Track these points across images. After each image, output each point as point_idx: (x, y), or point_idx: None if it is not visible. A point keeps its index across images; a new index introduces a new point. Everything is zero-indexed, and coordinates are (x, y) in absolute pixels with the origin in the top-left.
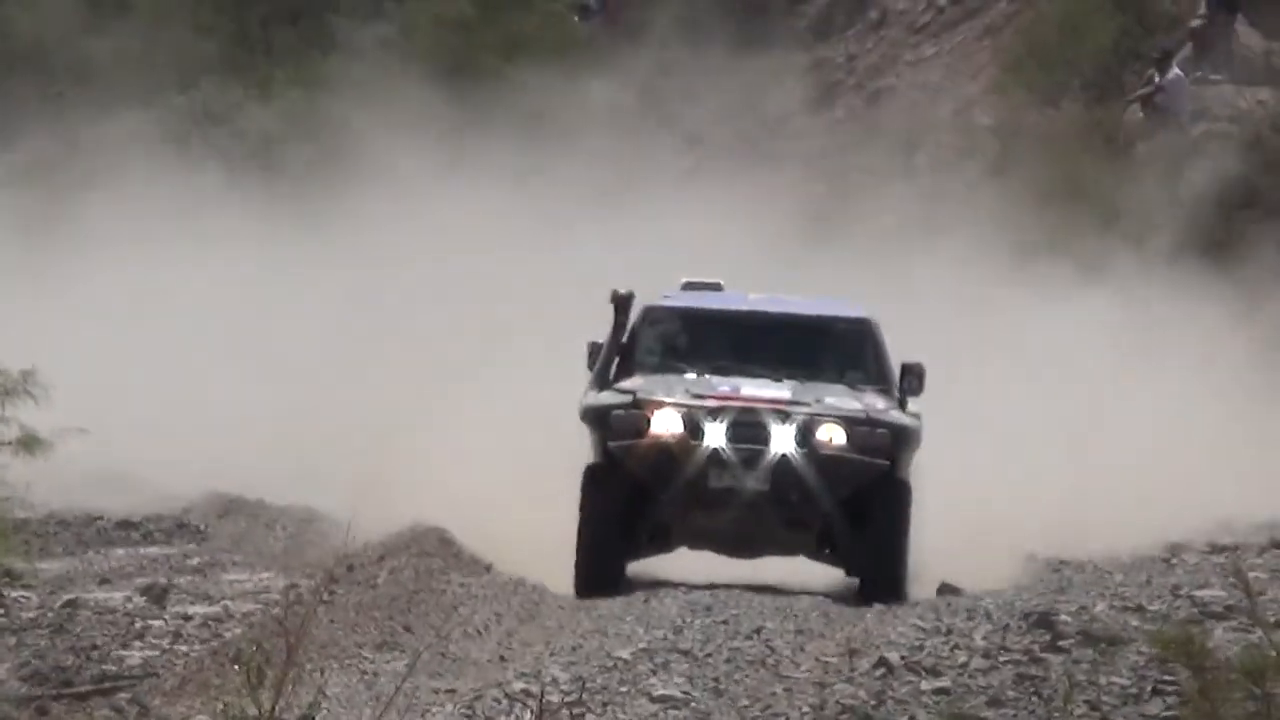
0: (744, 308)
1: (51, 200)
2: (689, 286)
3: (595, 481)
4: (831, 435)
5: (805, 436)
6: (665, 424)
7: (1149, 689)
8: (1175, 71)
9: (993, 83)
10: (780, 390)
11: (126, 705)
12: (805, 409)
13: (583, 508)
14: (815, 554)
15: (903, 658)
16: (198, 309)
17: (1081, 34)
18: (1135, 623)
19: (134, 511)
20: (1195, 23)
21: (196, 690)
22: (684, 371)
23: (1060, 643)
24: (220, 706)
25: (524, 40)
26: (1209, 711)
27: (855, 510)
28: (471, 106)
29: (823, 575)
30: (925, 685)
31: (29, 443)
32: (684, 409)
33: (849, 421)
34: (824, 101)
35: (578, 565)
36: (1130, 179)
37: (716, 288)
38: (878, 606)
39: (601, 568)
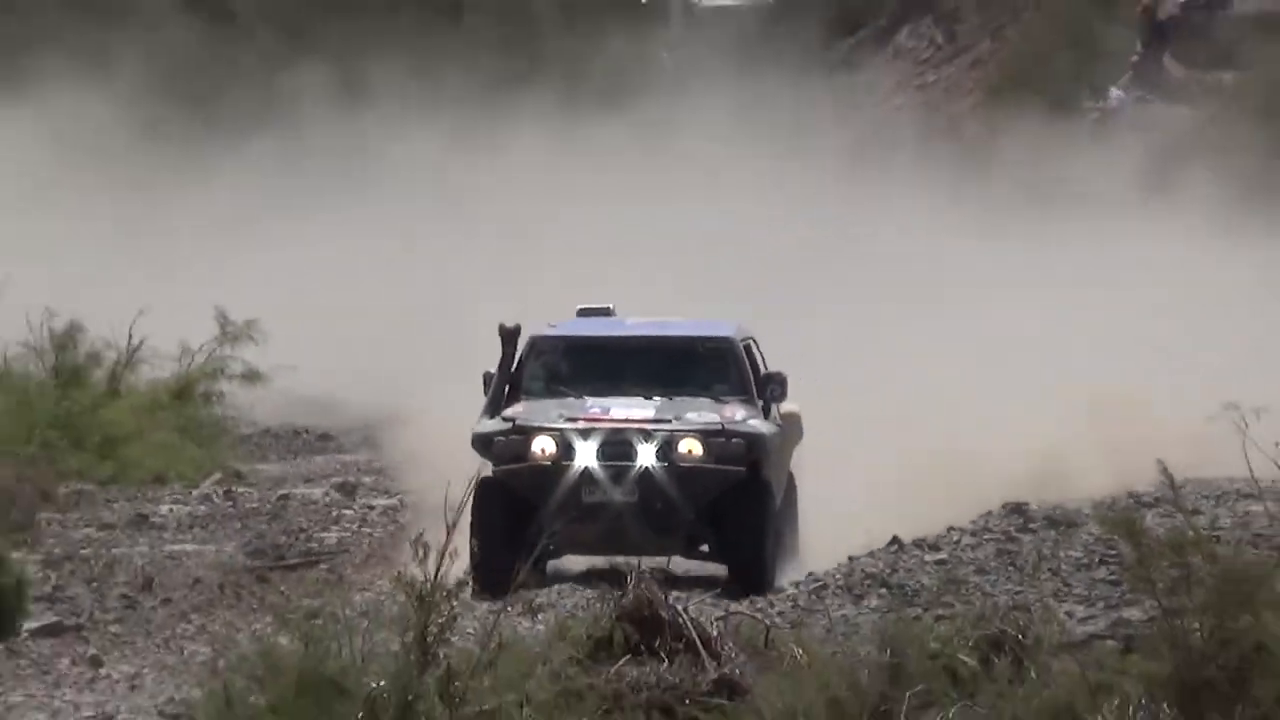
0: (619, 333)
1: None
2: (582, 312)
3: (483, 498)
4: (690, 448)
5: (666, 451)
6: (541, 448)
7: (1097, 559)
8: (1118, 93)
9: (979, 102)
10: (646, 409)
11: (326, 574)
12: (667, 426)
13: (472, 523)
14: (687, 553)
15: (911, 538)
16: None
17: (1045, 65)
18: (1087, 511)
19: (330, 428)
20: (1134, 57)
21: (379, 562)
22: (564, 395)
23: (1030, 525)
24: (396, 574)
25: None
26: (1144, 576)
27: (719, 512)
28: None
29: None
30: (928, 558)
31: (251, 376)
32: (557, 433)
33: (705, 435)
34: (850, 114)
35: (473, 572)
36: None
37: (606, 312)
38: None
39: (492, 574)
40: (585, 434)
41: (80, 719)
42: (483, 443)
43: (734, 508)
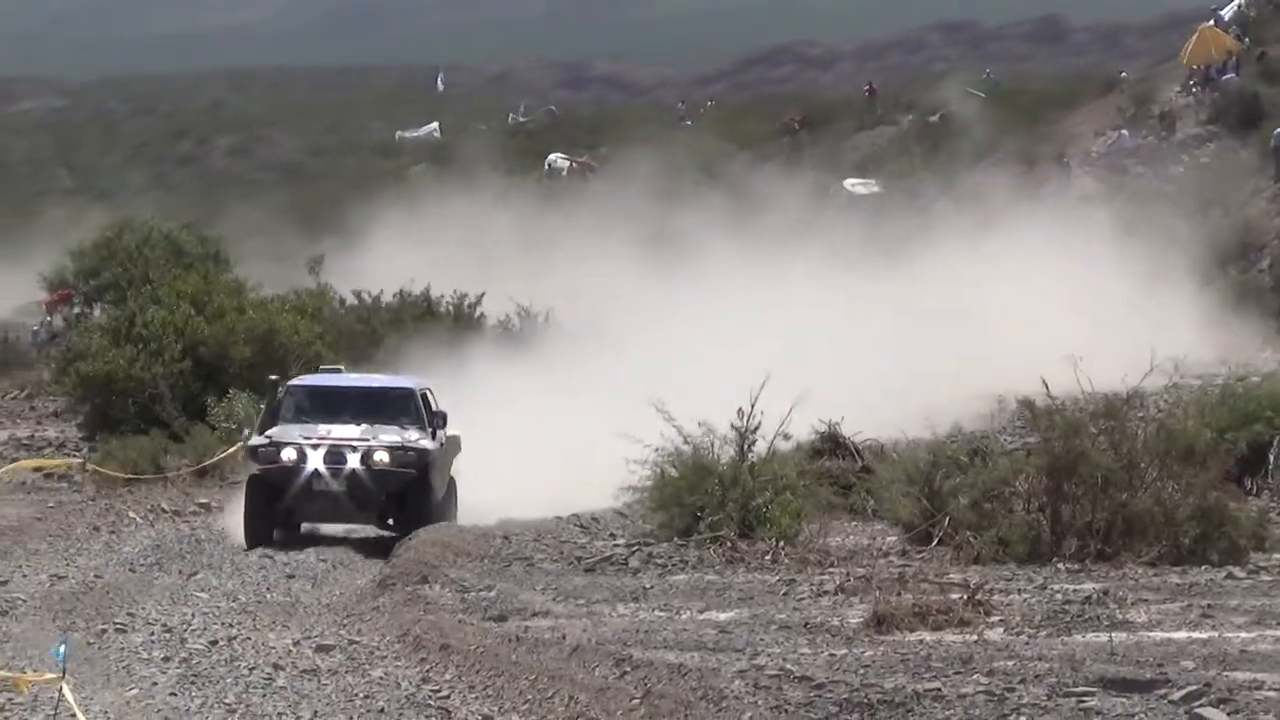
0: (340, 383)
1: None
2: (322, 370)
3: (252, 487)
4: (381, 457)
5: (366, 459)
6: (287, 455)
7: None
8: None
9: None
10: (354, 431)
11: None
12: (367, 442)
13: (245, 502)
14: (379, 524)
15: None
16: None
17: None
18: None
19: None
20: None
21: None
22: (304, 422)
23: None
24: None
25: None
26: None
27: (399, 500)
28: None
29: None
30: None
31: None
32: (297, 445)
33: (390, 448)
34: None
35: (245, 533)
36: None
37: (338, 371)
38: None
39: (257, 535)
40: (315, 446)
41: None
42: (251, 452)
43: (409, 496)
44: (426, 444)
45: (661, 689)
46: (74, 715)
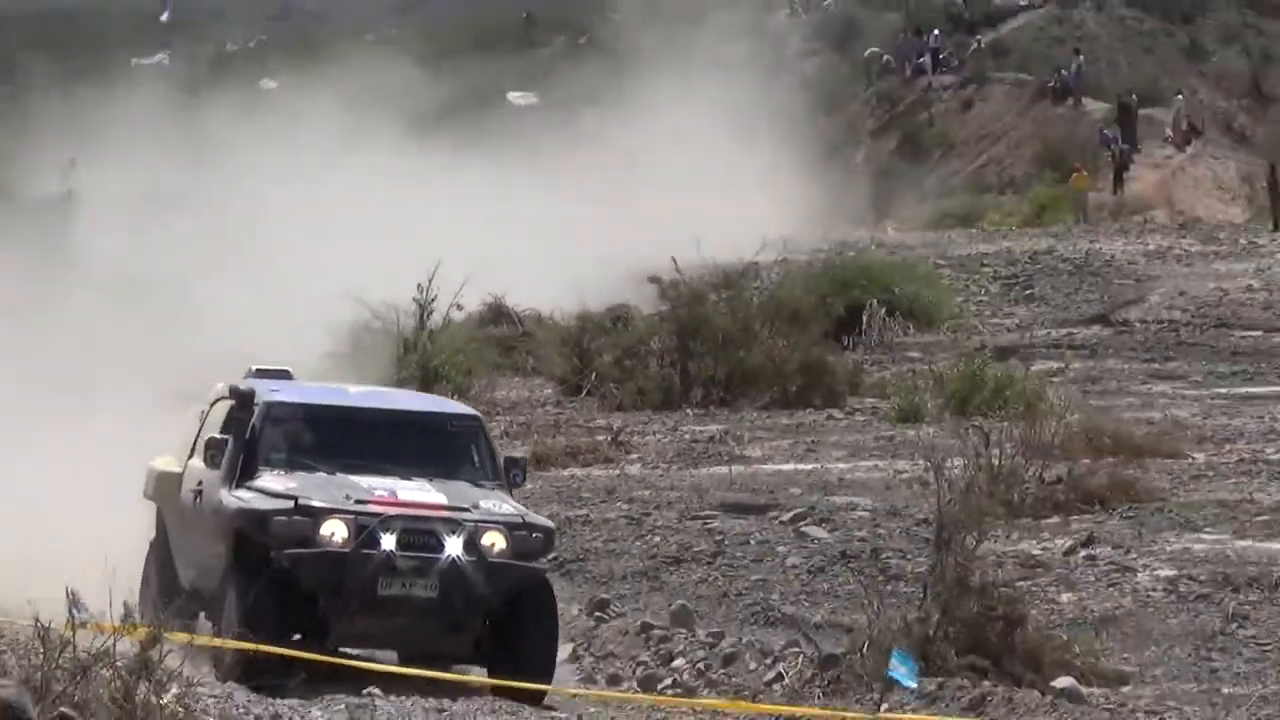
0: (360, 403)
1: None
2: (260, 374)
3: (263, 585)
4: (495, 541)
5: (472, 543)
6: (333, 531)
7: None
8: None
9: None
10: (430, 492)
11: None
12: (465, 514)
13: (246, 608)
14: (470, 657)
15: None
16: None
17: None
18: None
19: None
20: None
21: None
22: (307, 468)
23: None
24: None
25: None
26: None
27: (513, 615)
28: None
29: None
30: None
31: None
32: (348, 517)
33: (508, 526)
34: None
35: (240, 664)
36: None
37: (286, 375)
38: None
39: (265, 664)
40: (383, 520)
41: None
42: (255, 520)
43: (534, 612)
44: (544, 520)
45: None
46: None
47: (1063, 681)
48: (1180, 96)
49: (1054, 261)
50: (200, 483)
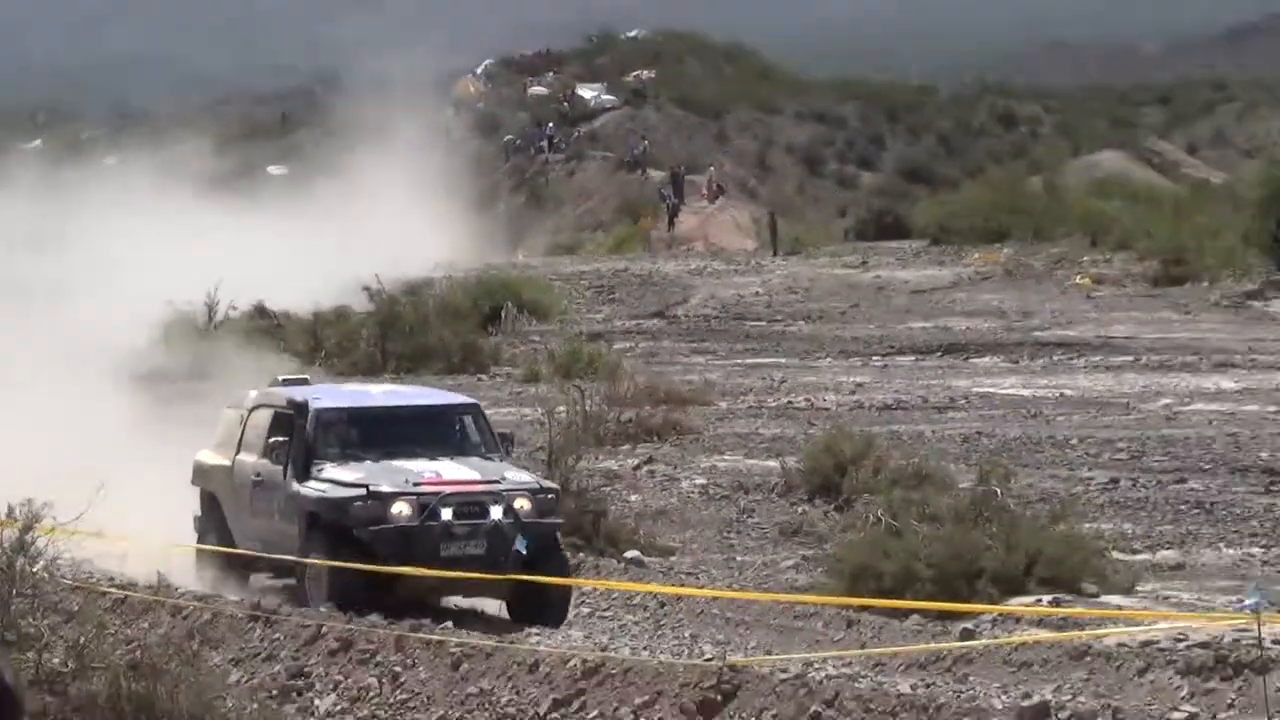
0: (384, 402)
1: None
2: (285, 382)
3: (344, 555)
4: (523, 504)
5: (509, 508)
6: (399, 510)
7: None
8: None
9: None
10: (465, 470)
11: None
12: (497, 485)
13: (324, 583)
14: (507, 595)
15: None
16: None
17: None
18: None
19: None
20: None
21: None
22: (358, 459)
23: None
24: None
25: None
26: None
27: (540, 560)
28: None
29: None
30: None
31: None
32: (411, 497)
33: (530, 492)
34: None
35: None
36: None
37: (304, 381)
38: None
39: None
40: (441, 497)
41: None
42: (336, 506)
43: (554, 558)
44: (553, 484)
45: None
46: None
47: (632, 553)
48: (712, 168)
49: (628, 277)
50: (258, 474)
